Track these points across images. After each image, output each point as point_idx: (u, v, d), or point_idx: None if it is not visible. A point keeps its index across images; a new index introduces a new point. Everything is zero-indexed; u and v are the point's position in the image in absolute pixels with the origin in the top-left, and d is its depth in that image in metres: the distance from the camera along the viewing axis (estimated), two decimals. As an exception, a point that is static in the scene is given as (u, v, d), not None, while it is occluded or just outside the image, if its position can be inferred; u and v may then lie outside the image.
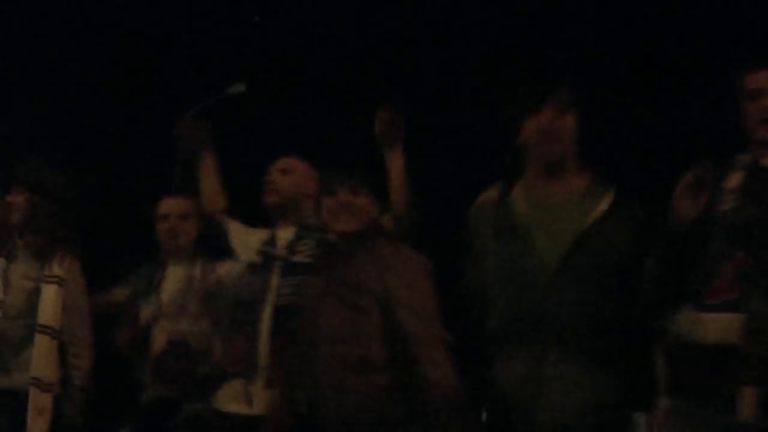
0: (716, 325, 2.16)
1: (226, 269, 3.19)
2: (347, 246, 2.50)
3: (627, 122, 6.39)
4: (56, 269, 2.89)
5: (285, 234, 2.92)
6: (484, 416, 2.48)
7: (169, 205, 3.30)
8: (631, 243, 2.38)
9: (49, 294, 2.86)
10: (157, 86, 8.37)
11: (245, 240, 3.06)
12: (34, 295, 2.91)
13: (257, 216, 3.36)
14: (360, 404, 2.29)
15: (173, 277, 3.19)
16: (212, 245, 3.38)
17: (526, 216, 2.43)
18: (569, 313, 2.29)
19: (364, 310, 2.36)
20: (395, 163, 2.76)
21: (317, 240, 2.76)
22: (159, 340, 3.12)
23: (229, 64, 8.20)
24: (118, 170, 8.50)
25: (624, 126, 6.34)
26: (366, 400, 2.29)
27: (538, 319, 2.30)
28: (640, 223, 2.42)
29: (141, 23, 8.31)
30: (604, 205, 2.41)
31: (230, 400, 2.79)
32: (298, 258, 2.83)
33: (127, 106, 8.26)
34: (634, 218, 2.42)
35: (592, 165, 2.57)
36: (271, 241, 2.90)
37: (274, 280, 2.79)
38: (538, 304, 2.31)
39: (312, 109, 8.37)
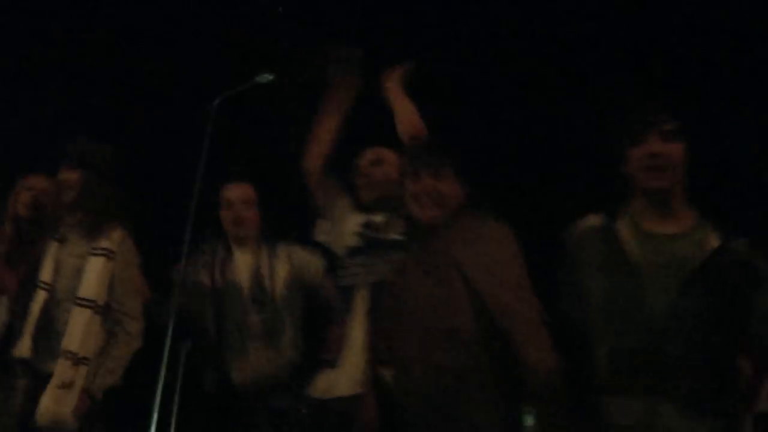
0: None
1: (303, 259, 3.13)
2: (431, 229, 2.37)
3: (731, 153, 6.24)
4: (105, 242, 2.80)
5: (380, 216, 2.84)
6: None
7: (233, 191, 3.26)
8: (741, 281, 2.31)
9: (95, 266, 2.75)
10: (187, 74, 8.49)
11: (345, 220, 2.89)
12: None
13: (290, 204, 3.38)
14: (446, 381, 2.18)
15: (242, 265, 3.15)
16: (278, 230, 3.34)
17: (636, 251, 2.36)
18: (684, 356, 2.23)
19: (449, 282, 2.24)
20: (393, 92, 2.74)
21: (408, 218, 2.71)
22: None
23: (258, 53, 8.29)
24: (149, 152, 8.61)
25: (725, 157, 6.18)
26: (453, 377, 2.17)
27: (650, 361, 2.23)
28: (748, 260, 2.35)
29: (171, 13, 8.41)
30: (713, 241, 2.35)
31: (328, 387, 2.67)
32: (392, 236, 2.78)
33: (161, 92, 8.38)
34: (743, 255, 2.36)
35: (695, 196, 2.49)
36: (370, 223, 2.83)
37: (374, 260, 2.73)
38: (652, 345, 2.24)
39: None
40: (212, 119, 8.97)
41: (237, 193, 3.21)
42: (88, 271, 2.81)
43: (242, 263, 3.20)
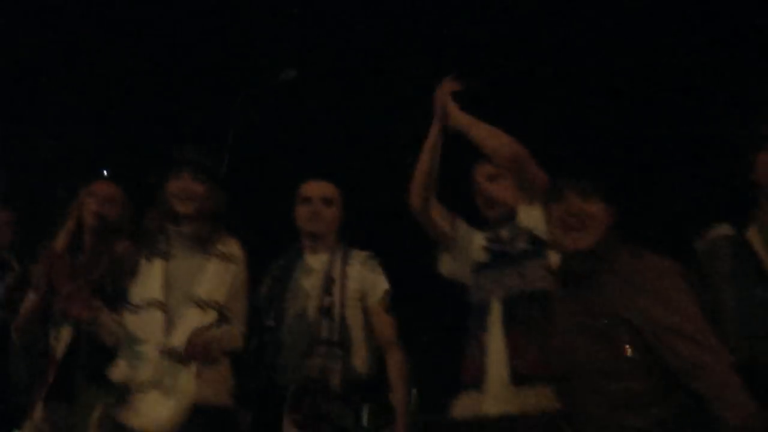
0: None
1: (370, 280, 2.83)
2: (584, 263, 2.19)
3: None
4: (221, 247, 2.70)
5: (506, 229, 2.72)
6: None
7: (312, 188, 3.09)
8: None
9: (214, 269, 2.65)
10: (212, 71, 8.57)
11: (470, 239, 2.75)
12: None
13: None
14: None
15: (313, 266, 2.98)
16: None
17: None
18: None
19: (619, 342, 2.04)
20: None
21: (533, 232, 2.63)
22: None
23: (283, 50, 8.36)
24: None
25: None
26: None
27: None
28: None
29: (198, 14, 8.48)
30: None
31: (473, 408, 2.49)
32: (520, 246, 2.66)
33: (184, 90, 8.47)
34: None
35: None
36: (495, 237, 2.70)
37: (504, 273, 2.54)
38: None
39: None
40: (236, 116, 9.10)
41: (317, 189, 3.08)
42: (208, 273, 2.71)
43: (313, 265, 2.95)
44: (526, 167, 2.45)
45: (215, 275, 2.63)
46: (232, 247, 2.68)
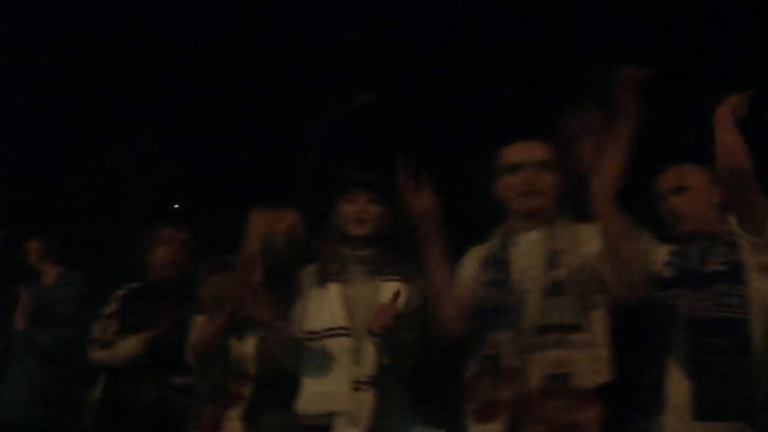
0: None
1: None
2: None
3: None
4: (397, 269, 2.60)
5: (696, 248, 2.45)
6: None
7: (521, 151, 2.44)
8: None
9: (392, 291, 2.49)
10: (292, 96, 8.62)
11: (653, 253, 2.49)
12: None
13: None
14: None
15: (527, 250, 2.39)
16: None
17: None
18: None
19: None
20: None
21: (729, 248, 2.41)
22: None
23: (362, 75, 8.34)
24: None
25: None
26: None
27: None
28: None
29: (275, 37, 8.60)
30: None
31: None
32: (711, 267, 2.42)
33: (264, 114, 8.56)
34: None
35: None
36: (681, 252, 2.42)
37: (690, 293, 2.24)
38: None
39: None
40: (314, 140, 9.13)
41: (526, 152, 2.43)
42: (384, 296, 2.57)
43: (531, 246, 2.37)
44: (745, 186, 2.21)
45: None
46: (409, 268, 2.57)
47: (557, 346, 2.15)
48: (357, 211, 2.62)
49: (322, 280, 2.60)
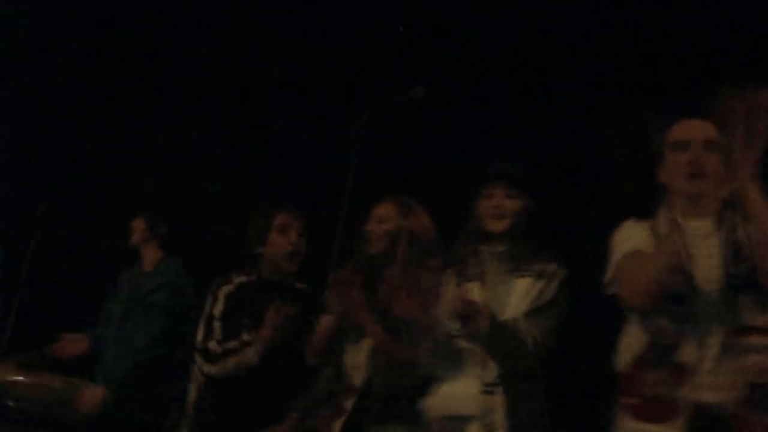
0: None
1: None
2: None
3: None
4: (536, 265, 2.52)
5: None
6: None
7: (689, 128, 2.22)
8: None
9: (520, 289, 2.49)
10: (341, 89, 8.56)
11: None
12: None
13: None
14: None
15: (701, 238, 2.12)
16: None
17: None
18: None
19: None
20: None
21: None
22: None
23: (411, 68, 8.28)
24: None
25: None
26: None
27: None
28: None
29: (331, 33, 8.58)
30: None
31: None
32: None
33: (314, 107, 8.52)
34: None
35: None
36: None
37: None
38: None
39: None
40: (361, 134, 9.04)
41: (696, 130, 2.18)
42: (515, 294, 2.47)
43: (705, 235, 2.10)
44: None
45: (518, 295, 2.44)
46: (550, 264, 2.50)
47: (757, 351, 1.92)
48: (494, 206, 2.56)
49: (460, 280, 2.54)
